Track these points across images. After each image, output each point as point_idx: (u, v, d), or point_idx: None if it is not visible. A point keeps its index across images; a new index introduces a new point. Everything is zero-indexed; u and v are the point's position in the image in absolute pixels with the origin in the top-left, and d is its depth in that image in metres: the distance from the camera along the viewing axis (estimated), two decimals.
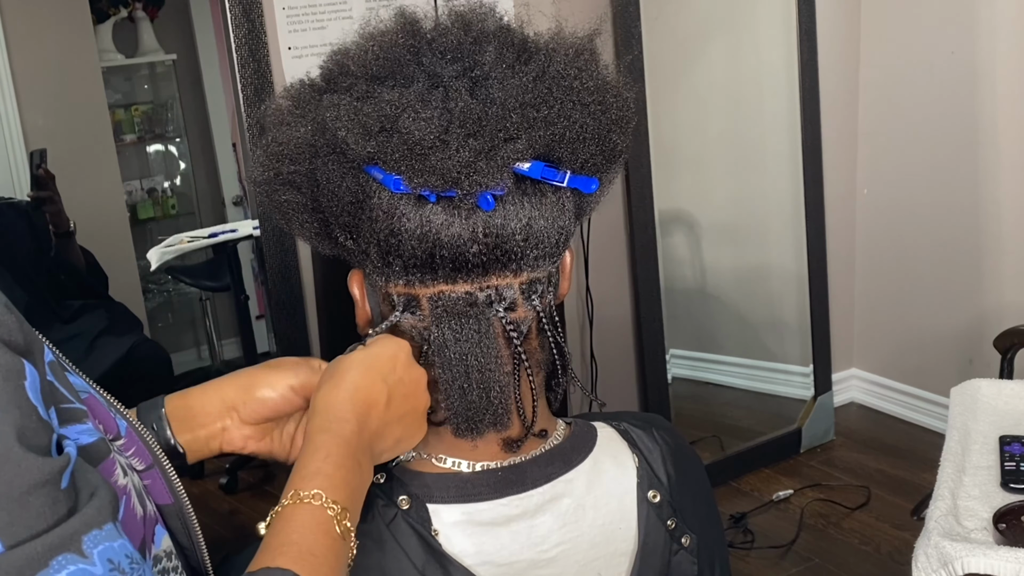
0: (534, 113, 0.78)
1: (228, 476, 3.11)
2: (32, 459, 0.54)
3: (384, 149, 0.76)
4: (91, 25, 3.16)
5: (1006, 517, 1.53)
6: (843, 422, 3.24)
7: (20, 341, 0.58)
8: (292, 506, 0.68)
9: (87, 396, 0.67)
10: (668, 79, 2.88)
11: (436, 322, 0.82)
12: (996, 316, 2.84)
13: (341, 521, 0.69)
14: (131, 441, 0.71)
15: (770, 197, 3.18)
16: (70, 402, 0.62)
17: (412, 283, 0.81)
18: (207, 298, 3.64)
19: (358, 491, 0.73)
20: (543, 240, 0.81)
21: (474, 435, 0.84)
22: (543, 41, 0.83)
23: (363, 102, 0.78)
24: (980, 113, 2.84)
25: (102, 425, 0.67)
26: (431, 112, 0.76)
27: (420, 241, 0.78)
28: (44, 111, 3.05)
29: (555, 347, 0.87)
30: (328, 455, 0.72)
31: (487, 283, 0.81)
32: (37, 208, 2.81)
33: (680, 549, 0.89)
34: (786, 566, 2.53)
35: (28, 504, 0.53)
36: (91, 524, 0.55)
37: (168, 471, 0.74)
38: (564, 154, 0.80)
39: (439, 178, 0.76)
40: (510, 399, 0.84)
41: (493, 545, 0.83)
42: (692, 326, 3.26)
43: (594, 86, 0.81)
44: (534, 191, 0.80)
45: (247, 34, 2.18)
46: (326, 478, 0.70)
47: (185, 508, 0.74)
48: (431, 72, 0.79)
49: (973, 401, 1.95)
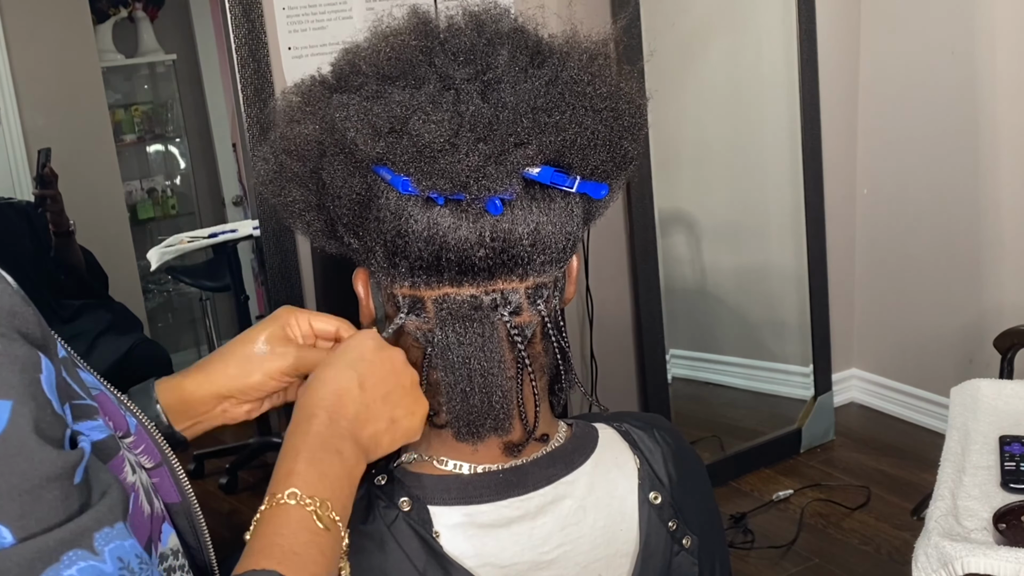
0: (545, 118, 0.77)
1: (228, 476, 3.11)
2: (48, 451, 0.54)
3: (393, 150, 0.76)
4: (91, 25, 3.16)
5: (1006, 517, 1.53)
6: (843, 422, 3.24)
7: (38, 335, 0.58)
8: (270, 510, 0.68)
9: (98, 393, 0.67)
10: (668, 79, 2.88)
11: (440, 325, 0.81)
12: (996, 316, 2.84)
13: (323, 514, 0.68)
14: (140, 439, 0.71)
15: (770, 197, 3.18)
16: (82, 398, 0.62)
17: (417, 285, 0.81)
18: (207, 298, 3.64)
19: (340, 479, 0.72)
20: (550, 245, 0.81)
21: (475, 439, 0.83)
22: (557, 44, 0.83)
23: (373, 102, 0.77)
24: (980, 113, 2.84)
25: (112, 422, 0.68)
26: (442, 115, 0.75)
27: (427, 243, 0.78)
28: (44, 111, 3.05)
29: (559, 352, 0.86)
30: (298, 454, 0.72)
31: (493, 287, 0.81)
32: (38, 207, 2.80)
33: (681, 550, 0.89)
34: (786, 566, 2.53)
35: (41, 497, 0.53)
36: (103, 522, 0.55)
37: (176, 470, 0.74)
38: (574, 160, 0.80)
39: (448, 181, 0.75)
40: (512, 404, 0.83)
41: (494, 547, 0.83)
42: (692, 326, 3.26)
43: (607, 92, 0.80)
44: (543, 196, 0.80)
45: (247, 34, 2.18)
46: (299, 476, 0.70)
47: (192, 507, 0.74)
48: (443, 74, 0.78)
49: (973, 401, 1.95)
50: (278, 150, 0.83)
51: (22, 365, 0.55)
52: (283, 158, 0.83)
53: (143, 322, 3.16)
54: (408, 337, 0.84)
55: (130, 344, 2.88)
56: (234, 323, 3.54)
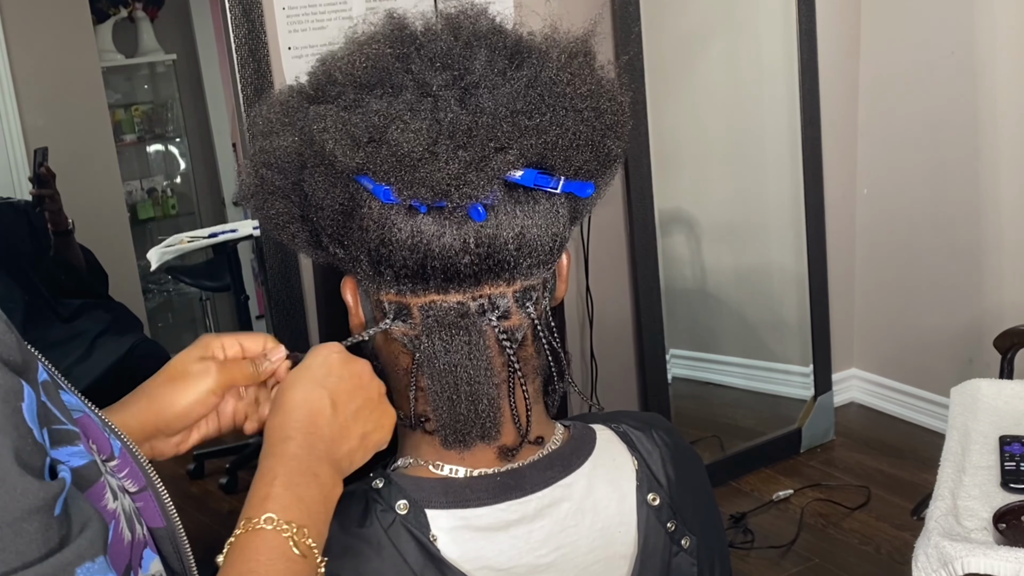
0: (526, 121, 0.76)
1: (228, 476, 3.11)
2: (29, 482, 0.52)
3: (373, 160, 0.75)
4: (91, 25, 3.16)
5: (1006, 517, 1.53)
6: (843, 422, 3.23)
7: (18, 360, 0.57)
8: (245, 534, 0.67)
9: (81, 415, 0.66)
10: (668, 79, 2.88)
11: (426, 332, 0.80)
12: (996, 316, 2.83)
13: (300, 541, 0.67)
14: (125, 462, 0.70)
15: (770, 196, 3.17)
16: (62, 423, 0.61)
17: (403, 292, 0.80)
18: (207, 298, 3.64)
19: (316, 503, 0.71)
20: (537, 248, 0.80)
21: (462, 447, 0.83)
22: (537, 42, 0.82)
23: (351, 112, 0.76)
24: (980, 113, 2.84)
25: (95, 445, 0.66)
26: (420, 123, 0.74)
27: (411, 251, 0.77)
28: (44, 111, 3.05)
29: (551, 353, 0.85)
30: (275, 478, 0.70)
31: (480, 292, 0.80)
32: (36, 206, 2.80)
33: (680, 551, 0.89)
34: (786, 566, 2.53)
35: (22, 531, 0.52)
36: (84, 556, 0.54)
37: (161, 493, 0.72)
38: (557, 161, 0.79)
39: (428, 190, 0.74)
40: (499, 412, 0.82)
41: (492, 550, 0.82)
42: (692, 326, 3.25)
43: (588, 91, 0.79)
44: (527, 199, 0.79)
45: (247, 34, 2.18)
46: (275, 500, 0.69)
47: (177, 532, 0.72)
48: (420, 81, 0.77)
49: (973, 401, 1.95)
50: (258, 164, 0.82)
51: (3, 394, 0.54)
52: (263, 171, 0.82)
53: (143, 322, 3.16)
54: (396, 343, 0.84)
55: (130, 344, 2.88)
56: (234, 323, 3.54)
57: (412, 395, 0.84)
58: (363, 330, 0.87)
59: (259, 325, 3.35)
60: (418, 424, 0.85)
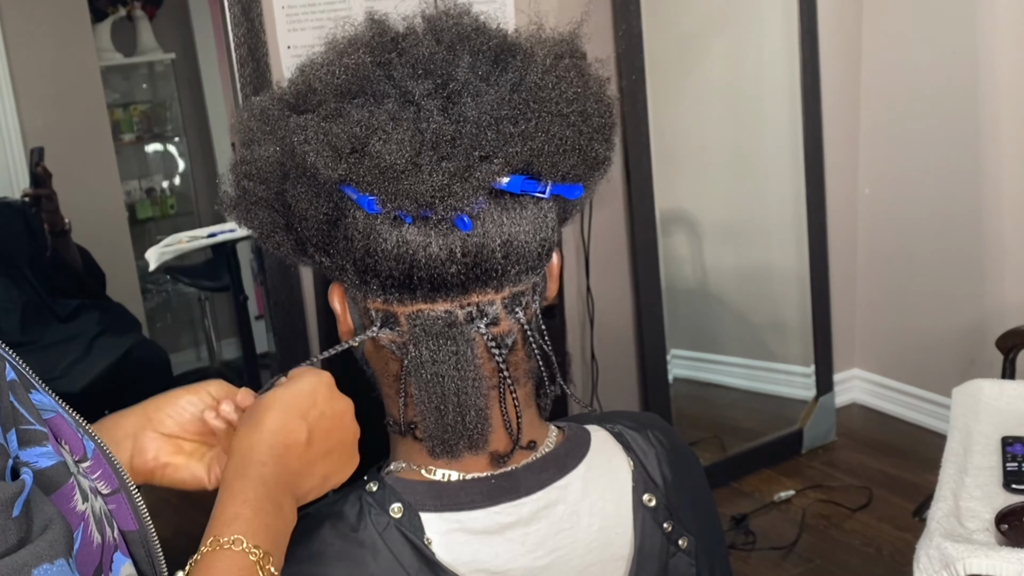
0: (510, 128, 0.75)
1: None
2: None
3: (356, 171, 0.74)
4: (89, 24, 3.15)
5: (1008, 518, 1.53)
6: (845, 422, 3.23)
7: None
8: (212, 553, 0.65)
9: (53, 416, 0.64)
10: (669, 79, 2.87)
11: (414, 342, 0.79)
12: (998, 316, 2.83)
13: (264, 566, 0.66)
14: (98, 463, 0.68)
15: (771, 197, 3.17)
16: (30, 424, 0.60)
17: (390, 301, 0.80)
18: (206, 298, 3.63)
19: (280, 534, 0.70)
20: (525, 255, 0.79)
21: (449, 456, 0.82)
22: (523, 42, 0.80)
23: (332, 122, 0.75)
24: (982, 113, 2.83)
25: (68, 446, 0.65)
26: (402, 134, 0.73)
27: (397, 261, 0.76)
28: (42, 110, 3.04)
29: (541, 356, 0.85)
30: (246, 499, 0.69)
31: (467, 301, 0.79)
32: (33, 206, 2.80)
33: (678, 551, 0.88)
34: (787, 567, 2.52)
35: None
36: (42, 558, 0.53)
37: (134, 496, 0.71)
38: (544, 167, 0.77)
39: (412, 202, 0.73)
40: (487, 423, 0.82)
41: (487, 553, 0.81)
42: (693, 326, 3.25)
43: (574, 95, 0.78)
44: (513, 205, 0.78)
45: (246, 33, 2.17)
46: (245, 522, 0.67)
47: (150, 535, 0.71)
48: (402, 88, 0.76)
49: (975, 401, 1.94)
50: (239, 174, 0.81)
51: None
52: (244, 182, 0.80)
53: (142, 322, 3.16)
54: (384, 350, 0.83)
55: (129, 344, 2.88)
56: (233, 323, 3.53)
57: (402, 402, 0.83)
58: (351, 337, 0.86)
59: (258, 325, 3.35)
60: (408, 431, 0.85)
